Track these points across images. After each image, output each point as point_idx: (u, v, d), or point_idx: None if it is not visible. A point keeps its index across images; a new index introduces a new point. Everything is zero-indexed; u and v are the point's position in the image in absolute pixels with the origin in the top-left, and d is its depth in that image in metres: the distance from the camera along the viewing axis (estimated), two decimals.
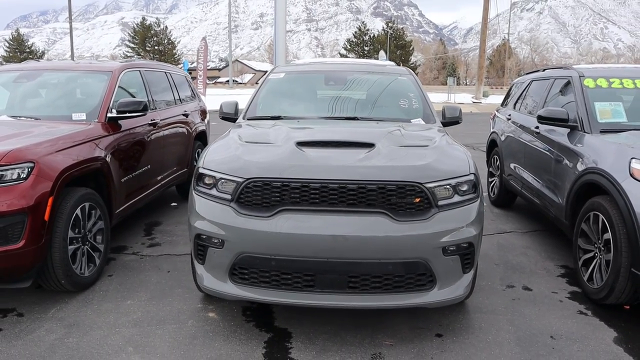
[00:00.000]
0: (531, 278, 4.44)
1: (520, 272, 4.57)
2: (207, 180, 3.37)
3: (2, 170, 3.35)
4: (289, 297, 3.14)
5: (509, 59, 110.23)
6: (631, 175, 3.68)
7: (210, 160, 3.46)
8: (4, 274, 3.46)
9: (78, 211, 3.88)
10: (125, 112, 4.69)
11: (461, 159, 3.49)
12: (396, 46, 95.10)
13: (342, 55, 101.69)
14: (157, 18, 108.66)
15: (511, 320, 3.65)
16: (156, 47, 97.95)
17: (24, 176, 3.43)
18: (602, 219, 3.88)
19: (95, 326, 3.47)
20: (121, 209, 4.73)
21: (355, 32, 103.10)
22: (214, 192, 3.31)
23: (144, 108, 4.79)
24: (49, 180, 3.57)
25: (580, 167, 4.37)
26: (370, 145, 3.47)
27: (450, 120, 4.74)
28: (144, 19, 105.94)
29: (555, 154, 4.98)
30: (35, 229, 3.44)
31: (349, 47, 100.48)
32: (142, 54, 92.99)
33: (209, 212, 3.27)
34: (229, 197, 3.22)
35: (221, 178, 3.28)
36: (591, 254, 4.09)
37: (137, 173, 5.03)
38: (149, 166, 5.34)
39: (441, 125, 4.59)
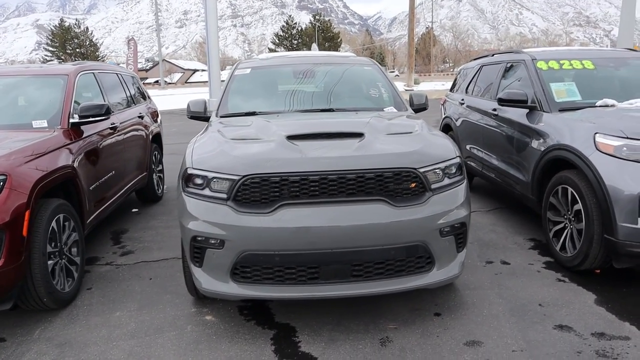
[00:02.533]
0: (506, 253, 4.65)
1: (494, 248, 4.78)
2: (197, 181, 3.29)
3: None
4: (294, 291, 3.14)
5: (434, 47, 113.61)
6: (597, 149, 3.92)
7: (199, 159, 3.38)
8: None
9: (54, 224, 3.68)
10: (87, 116, 4.48)
11: (445, 144, 3.60)
12: (324, 38, 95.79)
13: (270, 50, 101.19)
14: (76, 19, 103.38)
15: (499, 293, 3.82)
16: (77, 50, 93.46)
17: None
18: (571, 191, 4.12)
19: (90, 342, 3.31)
20: (91, 218, 4.53)
21: (283, 26, 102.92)
22: (206, 192, 3.24)
23: (106, 111, 4.59)
24: (24, 192, 3.37)
25: (543, 144, 4.61)
26: (359, 135, 3.50)
27: (418, 107, 4.87)
28: (62, 20, 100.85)
29: (516, 133, 5.22)
30: (14, 245, 3.23)
31: (278, 41, 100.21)
32: (63, 57, 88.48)
33: (203, 213, 3.20)
34: (224, 195, 3.17)
35: (213, 177, 3.22)
36: (561, 225, 4.34)
37: (103, 180, 4.83)
38: (113, 172, 5.13)
39: (413, 112, 4.70)
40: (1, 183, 3.25)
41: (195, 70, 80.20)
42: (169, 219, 6.11)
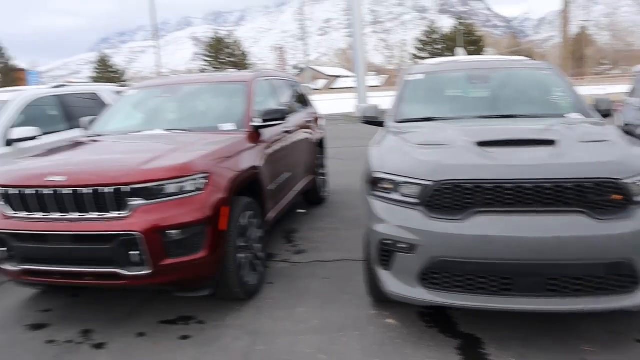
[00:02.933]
0: None
1: None
2: (385, 185, 3.35)
3: (182, 182, 3.48)
4: (485, 301, 3.06)
5: (589, 47, 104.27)
6: None
7: (387, 164, 3.44)
8: (187, 282, 3.61)
9: (244, 220, 3.98)
10: (268, 120, 4.78)
11: None
12: (467, 42, 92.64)
13: (414, 56, 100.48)
14: (228, 31, 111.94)
15: None
16: (229, 59, 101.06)
17: (200, 187, 3.55)
18: None
19: (278, 334, 3.53)
20: (272, 217, 4.82)
21: (425, 31, 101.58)
22: (395, 196, 3.28)
23: (284, 116, 4.86)
24: (223, 190, 3.69)
25: None
26: (550, 142, 3.33)
27: (604, 113, 4.49)
28: (216, 32, 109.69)
29: None
30: (214, 239, 3.56)
31: (421, 46, 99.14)
32: (217, 66, 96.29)
33: (393, 217, 3.25)
34: (415, 200, 3.18)
35: (404, 182, 3.25)
36: None
37: (280, 181, 5.12)
38: (287, 174, 5.43)
39: (601, 118, 4.35)
40: (204, 181, 3.58)
41: (338, 77, 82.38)
42: (335, 220, 6.31)
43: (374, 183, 3.43)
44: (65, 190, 3.40)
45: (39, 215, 3.49)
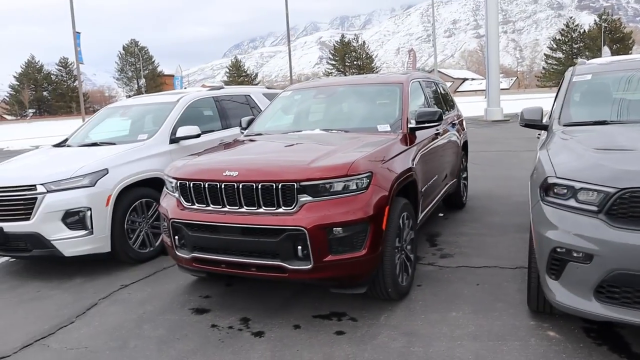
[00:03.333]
0: None
1: None
2: (560, 190, 3.14)
3: (347, 181, 3.54)
4: None
5: None
6: None
7: (562, 169, 3.22)
8: (347, 280, 3.66)
9: (400, 221, 3.96)
10: (423, 122, 4.72)
11: None
12: (612, 40, 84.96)
13: (547, 56, 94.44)
14: (354, 34, 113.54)
15: None
16: (355, 62, 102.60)
17: (364, 186, 3.59)
18: None
19: (434, 337, 3.46)
20: (420, 218, 4.76)
21: (562, 29, 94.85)
22: (571, 202, 3.07)
23: (439, 118, 4.76)
24: (385, 190, 3.70)
25: None
26: None
27: None
28: (343, 36, 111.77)
29: None
30: (375, 238, 3.57)
31: (555, 46, 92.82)
32: (342, 69, 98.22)
33: (568, 224, 3.04)
34: (594, 208, 2.94)
35: (581, 188, 3.02)
36: None
37: (430, 183, 5.04)
38: (436, 176, 5.32)
39: None
40: (367, 180, 3.62)
41: (464, 79, 79.85)
42: (479, 226, 6.10)
43: (547, 188, 3.24)
44: (239, 185, 3.62)
45: (212, 207, 3.76)
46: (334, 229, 3.43)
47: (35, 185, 4.96)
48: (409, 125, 4.71)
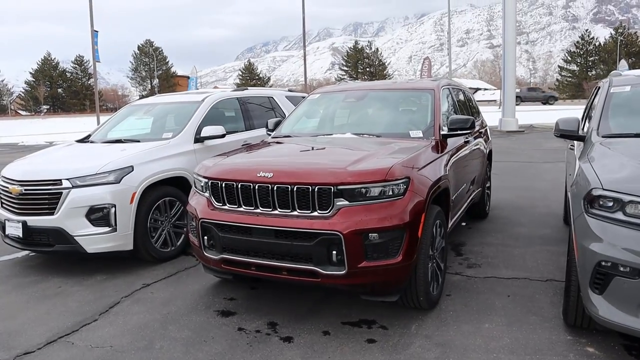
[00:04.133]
0: None
1: None
2: (606, 203, 3.05)
3: (384, 186, 3.46)
4: None
5: None
6: None
7: (609, 180, 3.12)
8: (380, 287, 3.58)
9: (434, 229, 3.88)
10: (455, 129, 4.63)
11: None
12: (628, 54, 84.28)
13: (561, 68, 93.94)
14: (368, 41, 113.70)
15: None
16: (367, 69, 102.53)
17: (401, 192, 3.51)
18: None
19: (469, 349, 3.37)
20: (449, 227, 4.67)
21: (577, 41, 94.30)
22: (618, 215, 2.98)
23: (470, 125, 4.67)
24: (421, 197, 3.62)
25: None
26: None
27: None
28: (356, 42, 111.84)
29: None
30: (410, 245, 3.48)
31: (570, 58, 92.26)
32: (354, 76, 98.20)
33: (615, 238, 2.95)
34: None
35: (631, 200, 2.93)
36: None
37: (459, 191, 4.95)
38: (465, 185, 5.23)
39: None
40: (404, 186, 3.53)
41: (477, 89, 79.71)
42: (503, 237, 5.99)
43: (592, 200, 3.14)
44: (273, 187, 3.55)
45: (244, 208, 3.69)
46: (370, 234, 3.35)
47: (60, 180, 4.92)
48: (443, 132, 4.63)
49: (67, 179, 4.91)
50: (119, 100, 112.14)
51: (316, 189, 3.43)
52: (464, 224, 6.60)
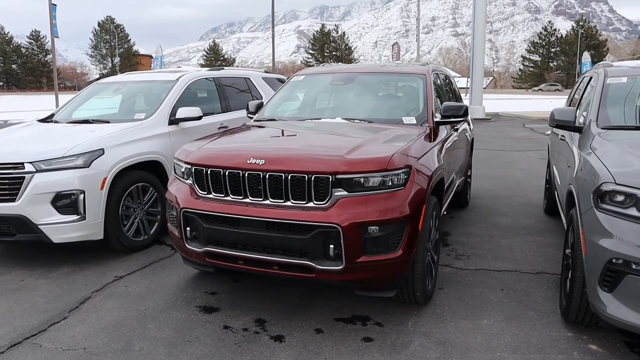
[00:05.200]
0: None
1: None
2: (618, 198, 2.91)
3: (385, 176, 3.23)
4: None
5: None
6: None
7: (623, 175, 2.98)
8: (378, 282, 3.37)
9: (431, 221, 3.69)
10: (449, 116, 4.44)
11: None
12: (588, 46, 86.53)
13: (524, 58, 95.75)
14: (335, 25, 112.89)
15: None
16: (334, 53, 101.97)
17: (402, 182, 3.29)
18: None
19: (471, 347, 3.21)
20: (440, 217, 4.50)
21: (540, 32, 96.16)
22: (631, 211, 2.85)
23: (464, 113, 4.49)
24: (422, 187, 3.41)
25: None
26: None
27: None
28: (323, 26, 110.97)
29: None
30: (411, 238, 3.28)
31: (533, 49, 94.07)
32: (320, 59, 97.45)
33: (628, 234, 2.82)
34: None
35: None
36: None
37: (449, 180, 4.78)
38: (454, 173, 5.07)
39: None
40: (405, 176, 3.31)
41: None
42: (487, 226, 5.89)
43: (603, 195, 3.00)
44: (265, 175, 3.27)
45: (231, 197, 3.40)
46: (370, 227, 3.13)
47: (23, 164, 4.50)
48: (436, 119, 4.43)
49: (31, 162, 4.49)
50: (78, 79, 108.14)
51: (312, 178, 3.18)
52: (445, 212, 6.47)
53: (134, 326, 3.50)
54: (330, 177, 3.16)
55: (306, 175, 3.18)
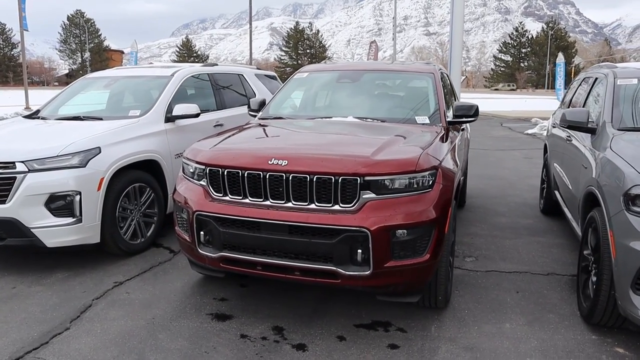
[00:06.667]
0: None
1: None
2: None
3: (413, 177, 3.12)
4: None
5: None
6: None
7: None
8: (405, 287, 3.25)
9: (453, 223, 3.59)
10: (460, 116, 4.36)
11: None
12: (557, 47, 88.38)
13: (496, 58, 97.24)
14: (309, 23, 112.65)
15: None
16: (308, 50, 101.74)
17: (430, 184, 3.18)
18: None
19: (500, 353, 3.12)
20: None
21: (511, 33, 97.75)
22: None
23: (475, 112, 4.41)
24: (449, 189, 3.31)
25: None
26: None
27: None
28: (297, 23, 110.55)
29: None
30: (438, 242, 3.17)
31: (504, 49, 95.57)
32: (295, 57, 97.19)
33: None
34: None
35: None
36: None
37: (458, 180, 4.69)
38: (461, 175, 4.99)
39: None
40: (433, 178, 3.20)
41: None
42: (488, 227, 5.84)
43: (634, 198, 2.95)
44: (288, 176, 3.11)
45: (250, 200, 3.23)
46: (398, 231, 3.00)
47: (14, 163, 4.23)
48: (448, 119, 4.34)
49: (22, 162, 4.23)
50: (46, 74, 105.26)
51: (340, 180, 3.03)
52: None
53: (145, 337, 3.30)
54: (358, 179, 3.02)
55: (333, 177, 3.03)
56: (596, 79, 5.09)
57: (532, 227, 5.88)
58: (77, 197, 4.31)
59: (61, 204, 4.29)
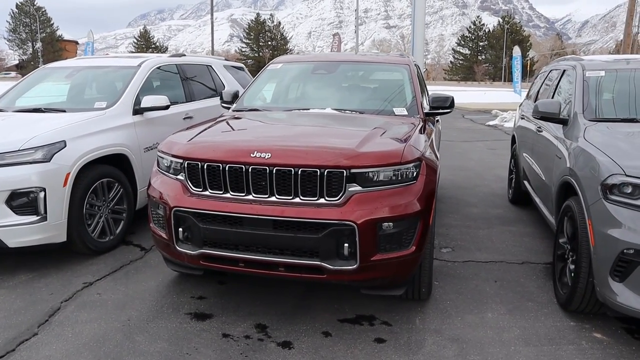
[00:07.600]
0: None
1: None
2: (626, 189, 2.94)
3: (398, 169, 3.07)
4: None
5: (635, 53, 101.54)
6: None
7: (631, 166, 2.99)
8: (390, 280, 3.21)
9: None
10: (437, 107, 4.36)
11: None
12: (513, 41, 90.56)
13: (454, 51, 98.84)
14: (270, 14, 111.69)
15: None
16: (269, 42, 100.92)
17: (414, 176, 3.15)
18: None
19: (485, 342, 3.14)
20: None
21: (469, 26, 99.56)
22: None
23: (451, 104, 4.41)
24: (433, 181, 3.28)
25: None
26: None
27: None
28: (258, 15, 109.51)
29: None
30: (423, 234, 3.14)
31: (463, 42, 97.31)
32: (256, 49, 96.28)
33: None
34: None
35: None
36: None
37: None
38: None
39: None
40: (417, 170, 3.17)
41: None
42: (461, 217, 5.89)
43: (612, 187, 3.00)
44: (271, 170, 3.01)
45: (231, 195, 3.12)
46: (384, 224, 2.96)
47: None
48: (425, 110, 4.33)
49: None
50: None
51: (325, 173, 2.96)
52: None
53: (120, 340, 3.15)
54: (344, 171, 2.95)
55: (318, 170, 2.96)
56: (564, 71, 5.17)
57: (503, 217, 5.96)
58: (42, 194, 4.09)
59: (24, 202, 4.07)
